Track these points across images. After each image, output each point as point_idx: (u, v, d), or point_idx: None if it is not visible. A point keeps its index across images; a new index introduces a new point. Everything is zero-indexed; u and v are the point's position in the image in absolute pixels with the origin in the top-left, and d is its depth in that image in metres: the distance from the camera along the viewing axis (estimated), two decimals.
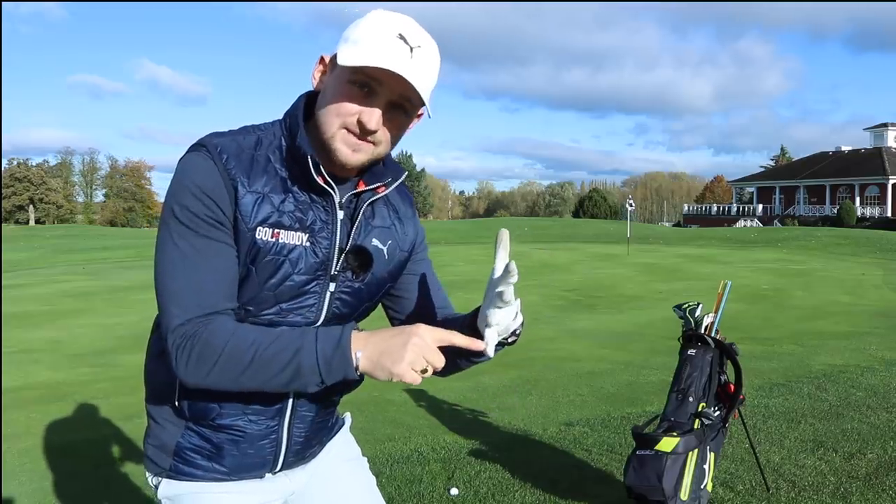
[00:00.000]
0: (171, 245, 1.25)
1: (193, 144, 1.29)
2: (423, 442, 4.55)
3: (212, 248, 1.25)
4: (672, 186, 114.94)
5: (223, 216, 1.25)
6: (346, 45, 1.25)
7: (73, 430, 5.14)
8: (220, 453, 1.39)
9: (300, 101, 1.35)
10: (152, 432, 1.43)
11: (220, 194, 1.24)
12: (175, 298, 1.24)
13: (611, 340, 8.40)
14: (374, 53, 1.20)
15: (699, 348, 3.31)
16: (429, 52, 1.26)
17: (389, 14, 1.26)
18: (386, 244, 1.43)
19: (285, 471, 1.50)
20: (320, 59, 1.33)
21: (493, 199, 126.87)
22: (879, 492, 3.59)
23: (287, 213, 1.29)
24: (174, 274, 1.25)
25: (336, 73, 1.26)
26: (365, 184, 1.37)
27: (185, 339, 1.22)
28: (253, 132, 1.33)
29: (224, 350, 1.21)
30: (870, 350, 7.46)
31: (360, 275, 1.39)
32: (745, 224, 52.76)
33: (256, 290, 1.30)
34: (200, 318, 1.23)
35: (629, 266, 18.38)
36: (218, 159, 1.25)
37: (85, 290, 14.37)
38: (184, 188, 1.25)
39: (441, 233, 37.17)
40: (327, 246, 1.34)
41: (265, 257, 1.28)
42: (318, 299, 1.36)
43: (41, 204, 71.89)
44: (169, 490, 1.42)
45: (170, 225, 1.26)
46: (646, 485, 2.94)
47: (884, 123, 60.25)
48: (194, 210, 1.24)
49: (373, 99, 1.25)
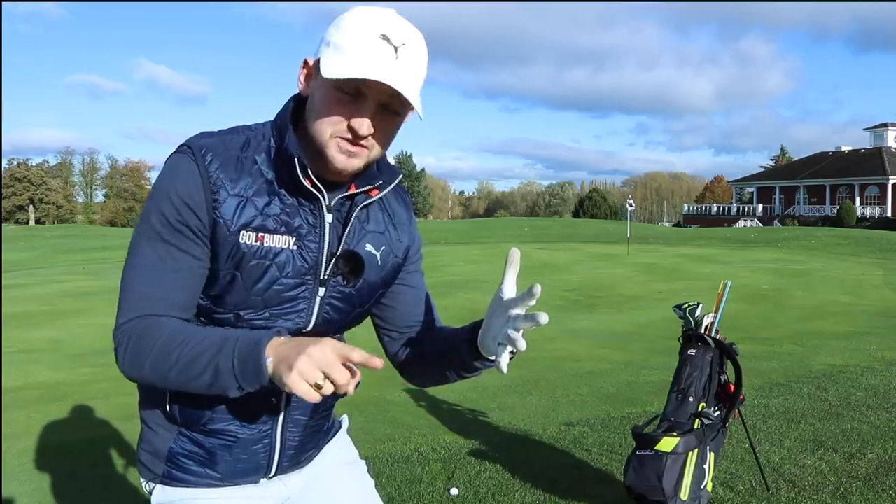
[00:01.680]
0: (139, 247, 1.26)
1: (181, 145, 1.28)
2: (423, 442, 4.55)
3: (173, 257, 1.25)
4: (672, 186, 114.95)
5: (197, 223, 1.24)
6: (328, 50, 1.22)
7: (73, 431, 5.14)
8: (212, 459, 1.38)
9: (289, 103, 1.33)
10: (145, 437, 1.41)
11: (197, 201, 1.24)
12: (128, 297, 1.26)
13: (611, 340, 8.40)
14: (358, 61, 1.17)
15: (699, 348, 3.31)
16: (414, 49, 1.23)
17: (370, 11, 1.22)
18: (379, 249, 1.40)
19: (280, 476, 1.48)
20: (304, 62, 1.29)
21: (493, 199, 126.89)
22: (879, 492, 3.59)
23: (272, 217, 1.27)
24: (134, 275, 1.26)
25: (321, 80, 1.23)
26: (356, 187, 1.35)
27: (124, 335, 1.24)
28: (242, 132, 1.32)
29: (155, 346, 1.21)
30: (870, 350, 7.45)
31: (352, 280, 1.37)
32: (745, 224, 52.75)
33: (244, 294, 1.28)
34: (144, 316, 1.24)
35: (629, 266, 18.38)
36: (201, 161, 1.24)
37: (85, 290, 14.36)
38: (162, 193, 1.25)
39: (441, 233, 37.16)
40: (315, 250, 1.32)
41: (250, 261, 1.27)
42: (308, 304, 1.34)
43: (41, 204, 71.89)
44: (163, 496, 1.40)
45: (143, 226, 1.26)
46: (646, 485, 2.94)
47: (884, 123, 60.25)
48: (167, 216, 1.24)
49: (361, 104, 1.22)
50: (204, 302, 1.31)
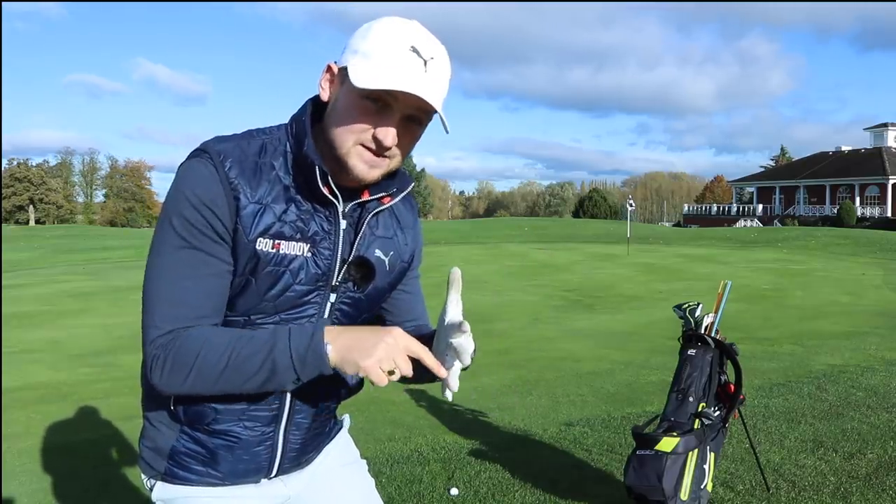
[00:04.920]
0: (163, 254, 1.24)
1: (196, 150, 1.27)
2: (423, 442, 4.55)
3: (203, 262, 1.24)
4: (672, 186, 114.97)
5: (222, 228, 1.23)
6: (356, 58, 1.21)
7: (73, 431, 5.14)
8: (214, 458, 1.38)
9: (307, 106, 1.31)
10: (147, 434, 1.41)
11: (219, 205, 1.22)
12: (157, 309, 1.24)
13: (611, 340, 8.40)
14: (389, 72, 1.17)
15: (699, 348, 3.31)
16: (442, 62, 1.23)
17: (399, 23, 1.22)
18: (388, 254, 1.41)
19: (281, 476, 1.48)
20: (328, 67, 1.28)
21: (493, 199, 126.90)
22: (879, 492, 3.59)
23: (289, 223, 1.27)
24: (161, 284, 1.24)
25: (348, 87, 1.22)
26: (370, 193, 1.34)
27: (161, 350, 1.22)
28: (258, 137, 1.30)
29: (199, 356, 1.20)
30: (870, 350, 7.45)
31: (363, 286, 1.38)
32: (745, 224, 52.75)
33: (256, 300, 1.29)
34: (178, 329, 1.23)
35: (629, 266, 18.38)
36: (220, 167, 1.23)
37: (85, 290, 14.37)
38: (182, 197, 1.23)
39: (441, 233, 37.16)
40: (329, 256, 1.32)
41: (265, 268, 1.26)
42: (319, 309, 1.34)
43: (41, 204, 71.89)
44: (164, 493, 1.41)
45: (165, 233, 1.24)
46: (646, 485, 2.94)
47: (884, 123, 60.24)
48: (192, 221, 1.22)
49: (388, 114, 1.22)
50: None
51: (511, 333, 8.83)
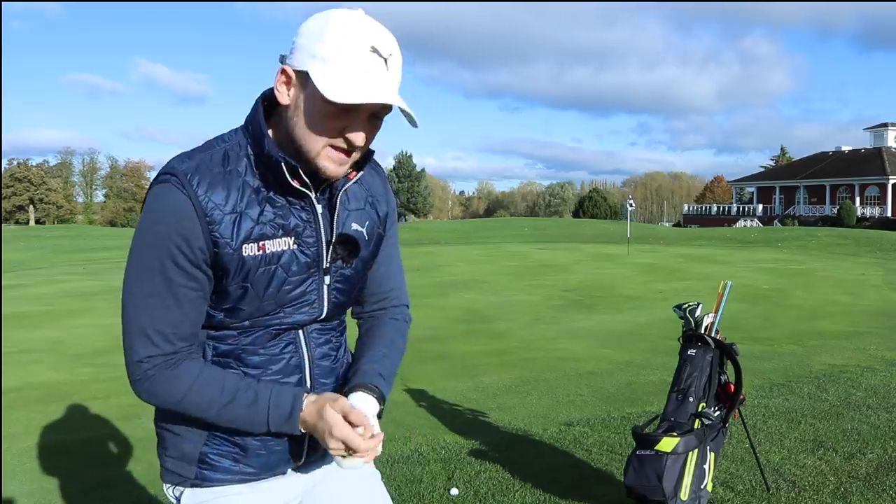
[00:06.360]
0: (138, 280, 1.27)
1: (161, 174, 1.27)
2: (423, 442, 4.55)
3: (182, 292, 1.27)
4: (672, 186, 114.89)
5: (194, 256, 1.26)
6: (316, 63, 1.20)
7: (73, 430, 5.14)
8: (247, 454, 1.40)
9: (258, 106, 1.31)
10: (168, 444, 1.41)
11: (190, 228, 1.24)
12: (139, 334, 1.28)
13: (611, 340, 8.40)
14: (357, 82, 1.18)
15: (699, 348, 3.31)
16: (397, 55, 1.25)
17: (352, 21, 1.21)
18: (364, 225, 1.45)
19: (306, 469, 1.50)
20: (282, 71, 1.26)
21: (493, 199, 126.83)
22: (879, 492, 3.59)
23: (269, 223, 1.30)
24: (140, 311, 1.28)
25: (311, 92, 1.22)
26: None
27: (144, 376, 1.29)
28: (219, 146, 1.31)
29: (183, 399, 1.31)
30: (870, 350, 7.46)
31: (350, 261, 1.42)
32: (745, 224, 52.75)
33: (257, 302, 1.32)
34: (161, 356, 1.29)
35: (629, 266, 18.38)
36: (189, 187, 1.24)
37: (85, 290, 14.36)
38: (154, 226, 1.25)
39: (441, 233, 37.18)
40: (314, 243, 1.36)
41: (258, 270, 1.30)
42: (318, 294, 1.39)
43: (41, 204, 71.95)
44: (194, 498, 1.41)
45: (138, 260, 1.27)
46: (646, 485, 2.94)
47: (884, 123, 60.24)
48: (164, 248, 1.24)
49: (356, 117, 1.24)
50: (218, 316, 1.33)
51: (511, 333, 8.84)
